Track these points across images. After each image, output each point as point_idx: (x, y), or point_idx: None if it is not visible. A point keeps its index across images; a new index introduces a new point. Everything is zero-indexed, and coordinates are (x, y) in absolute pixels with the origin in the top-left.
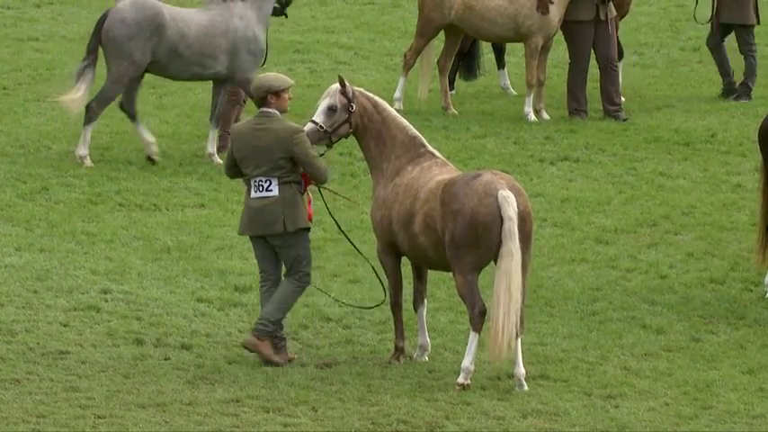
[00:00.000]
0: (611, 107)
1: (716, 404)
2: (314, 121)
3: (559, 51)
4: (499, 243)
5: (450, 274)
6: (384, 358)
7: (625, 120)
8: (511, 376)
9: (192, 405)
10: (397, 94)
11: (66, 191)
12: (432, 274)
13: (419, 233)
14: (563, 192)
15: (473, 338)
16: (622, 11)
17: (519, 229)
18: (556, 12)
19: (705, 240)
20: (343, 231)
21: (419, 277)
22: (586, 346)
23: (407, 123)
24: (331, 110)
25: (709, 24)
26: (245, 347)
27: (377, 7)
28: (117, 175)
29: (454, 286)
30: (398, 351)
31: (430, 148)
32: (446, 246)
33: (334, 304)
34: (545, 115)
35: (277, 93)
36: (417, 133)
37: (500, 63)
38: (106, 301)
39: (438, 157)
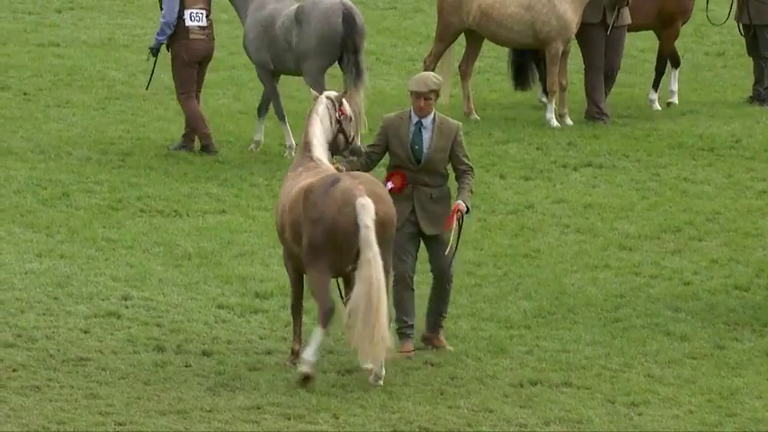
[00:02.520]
0: (594, 109)
1: (740, 412)
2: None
3: (581, 57)
4: (358, 250)
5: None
6: (406, 365)
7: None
8: (534, 383)
9: (212, 412)
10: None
11: (87, 197)
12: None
13: (291, 242)
14: (586, 198)
15: (318, 332)
16: (684, 16)
17: (378, 236)
18: (573, 16)
19: (729, 247)
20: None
21: (346, 284)
22: (610, 353)
23: (310, 125)
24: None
25: (741, 32)
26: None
27: (398, 12)
28: (138, 181)
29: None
30: (294, 355)
31: (315, 152)
32: (303, 248)
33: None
34: (568, 121)
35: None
36: (312, 136)
37: (539, 75)
38: (127, 307)
39: (315, 162)
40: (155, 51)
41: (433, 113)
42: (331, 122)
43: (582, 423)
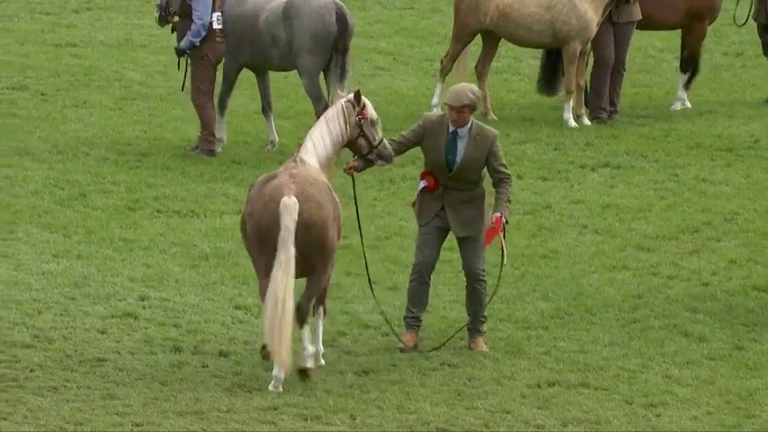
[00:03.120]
0: (610, 108)
1: (759, 413)
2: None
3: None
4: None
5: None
6: (423, 366)
7: (612, 122)
8: (552, 384)
9: (229, 413)
10: (435, 100)
11: (104, 197)
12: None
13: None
14: (604, 198)
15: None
16: (712, 16)
17: (302, 238)
18: (594, 15)
19: (748, 247)
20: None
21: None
22: (627, 353)
23: (313, 126)
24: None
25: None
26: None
27: (416, 12)
28: (155, 181)
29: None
30: (265, 349)
31: (303, 153)
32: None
33: (373, 311)
34: (586, 121)
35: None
36: (307, 137)
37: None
38: (144, 308)
39: (297, 162)
40: (184, 52)
41: (469, 123)
42: (345, 125)
43: (600, 424)
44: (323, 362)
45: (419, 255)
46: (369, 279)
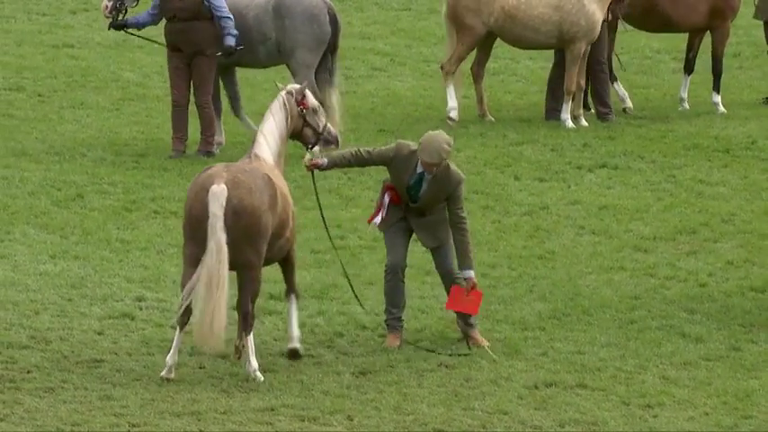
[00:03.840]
0: (602, 109)
1: (756, 414)
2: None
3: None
4: None
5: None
6: (420, 367)
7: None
8: (549, 385)
9: (226, 414)
10: (452, 103)
11: (101, 198)
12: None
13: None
14: (601, 199)
15: (177, 335)
16: (734, 14)
17: (231, 225)
18: (600, 16)
19: (745, 248)
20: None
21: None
22: (624, 354)
23: (262, 122)
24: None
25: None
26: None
27: (413, 13)
28: (152, 182)
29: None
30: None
31: (256, 149)
32: None
33: (371, 312)
34: (583, 121)
35: None
36: (259, 133)
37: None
38: (141, 309)
39: (252, 158)
40: (235, 49)
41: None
42: (289, 117)
43: (597, 425)
44: (299, 346)
45: (390, 255)
46: (342, 266)
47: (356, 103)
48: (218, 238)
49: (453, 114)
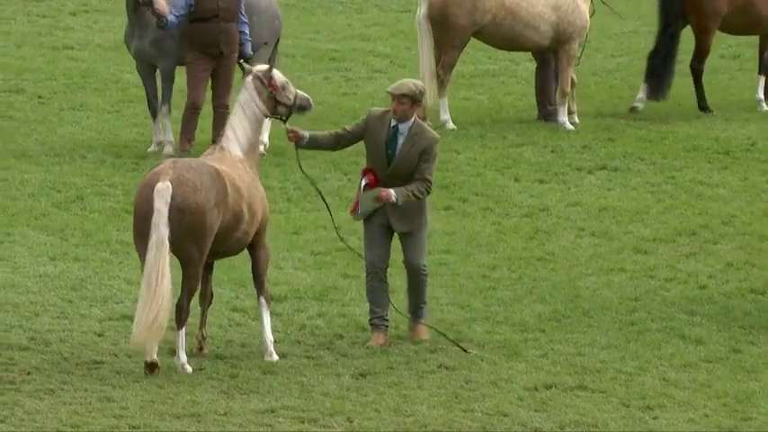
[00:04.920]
0: (550, 108)
1: (756, 415)
2: None
3: (597, 59)
4: None
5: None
6: (420, 368)
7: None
8: (549, 387)
9: (226, 415)
10: (444, 116)
11: (101, 200)
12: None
13: None
14: (601, 201)
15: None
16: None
17: (175, 222)
18: (587, 16)
19: (745, 250)
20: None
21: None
22: (625, 356)
23: (232, 115)
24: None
25: None
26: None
27: (413, 15)
28: None
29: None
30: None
31: (224, 142)
32: None
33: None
34: (576, 119)
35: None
36: (227, 128)
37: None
38: None
39: (218, 151)
40: (251, 56)
41: (411, 120)
42: (259, 103)
43: (597, 427)
44: (275, 357)
45: (369, 255)
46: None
47: (356, 105)
48: (159, 233)
49: (450, 126)
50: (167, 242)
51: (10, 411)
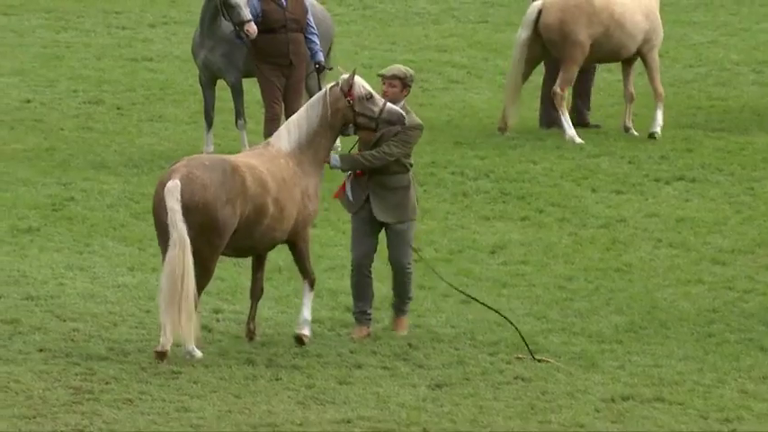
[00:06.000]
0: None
1: None
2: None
3: (675, 69)
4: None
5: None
6: (497, 379)
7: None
8: (626, 398)
9: (302, 426)
10: (570, 131)
11: None
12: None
13: None
14: (678, 212)
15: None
16: None
17: (186, 219)
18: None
19: None
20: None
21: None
22: (703, 368)
23: (296, 114)
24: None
25: None
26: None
27: (490, 26)
28: None
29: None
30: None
31: (274, 138)
32: None
33: (446, 324)
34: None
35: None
36: (283, 125)
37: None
38: (218, 320)
39: (262, 146)
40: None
41: (401, 103)
42: (326, 110)
43: None
44: (306, 332)
45: (355, 250)
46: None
47: (432, 116)
48: (179, 229)
49: (578, 140)
50: (188, 239)
51: (89, 421)
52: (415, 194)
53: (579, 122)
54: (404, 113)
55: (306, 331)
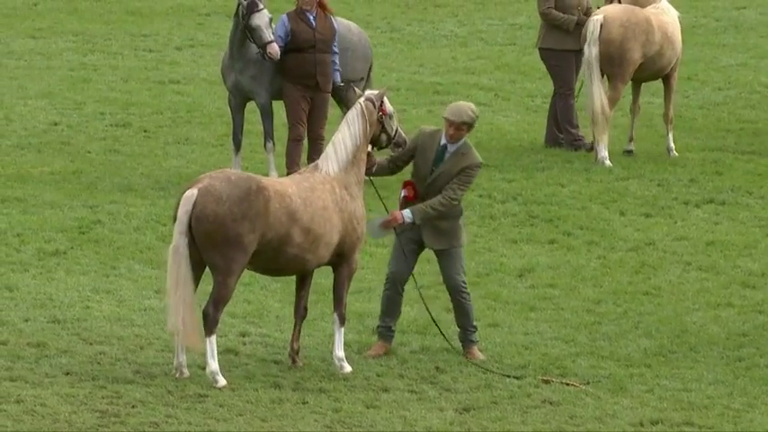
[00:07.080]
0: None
1: None
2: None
3: (705, 92)
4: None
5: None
6: (524, 403)
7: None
8: (655, 422)
9: None
10: (604, 152)
11: None
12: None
13: None
14: (708, 235)
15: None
16: None
17: (195, 230)
18: None
19: None
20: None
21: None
22: (732, 392)
23: (337, 131)
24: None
25: None
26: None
27: (517, 48)
28: None
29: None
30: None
31: (321, 161)
32: None
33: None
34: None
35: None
36: (329, 146)
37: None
38: (244, 344)
39: (310, 169)
40: (341, 84)
41: (461, 141)
42: (366, 124)
43: None
44: (348, 369)
45: (393, 265)
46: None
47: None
48: (175, 240)
49: (608, 162)
50: (182, 250)
51: None
52: (464, 221)
53: (551, 142)
54: (408, 141)
55: (346, 369)
